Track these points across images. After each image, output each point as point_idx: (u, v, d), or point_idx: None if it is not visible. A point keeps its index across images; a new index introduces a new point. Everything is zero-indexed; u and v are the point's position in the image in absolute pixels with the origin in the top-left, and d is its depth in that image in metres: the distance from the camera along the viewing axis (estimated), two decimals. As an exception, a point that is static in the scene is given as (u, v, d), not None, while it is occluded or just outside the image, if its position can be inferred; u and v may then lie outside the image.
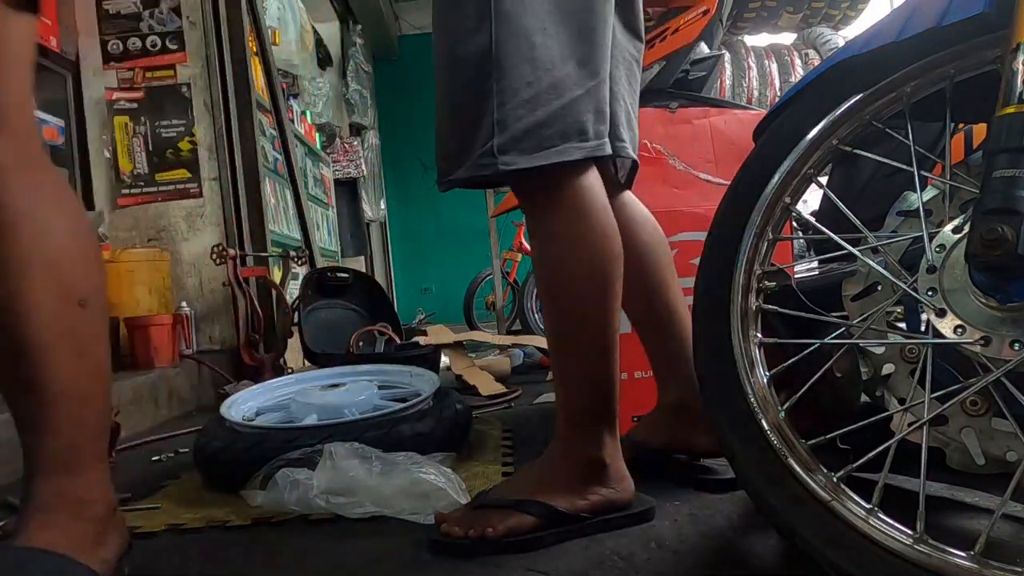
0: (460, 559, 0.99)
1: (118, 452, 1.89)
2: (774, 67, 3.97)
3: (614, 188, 1.26)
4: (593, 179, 1.04)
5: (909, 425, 0.76)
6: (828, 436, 0.82)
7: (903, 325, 0.86)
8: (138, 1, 3.14)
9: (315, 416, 1.52)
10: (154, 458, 1.78)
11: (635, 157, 1.27)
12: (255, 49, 3.56)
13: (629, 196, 1.33)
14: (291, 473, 1.21)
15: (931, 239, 0.77)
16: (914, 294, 0.77)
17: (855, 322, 0.83)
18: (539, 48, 0.98)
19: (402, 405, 1.51)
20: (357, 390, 1.64)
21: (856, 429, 0.80)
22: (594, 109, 1.02)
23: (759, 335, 0.89)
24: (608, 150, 1.05)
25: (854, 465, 0.78)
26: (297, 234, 4.01)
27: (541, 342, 3.11)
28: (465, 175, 1.02)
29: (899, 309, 0.85)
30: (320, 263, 4.05)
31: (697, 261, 0.95)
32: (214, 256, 2.93)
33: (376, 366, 1.95)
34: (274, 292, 3.20)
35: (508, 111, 0.97)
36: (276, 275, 3.44)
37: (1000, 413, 0.73)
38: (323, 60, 5.48)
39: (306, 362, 3.20)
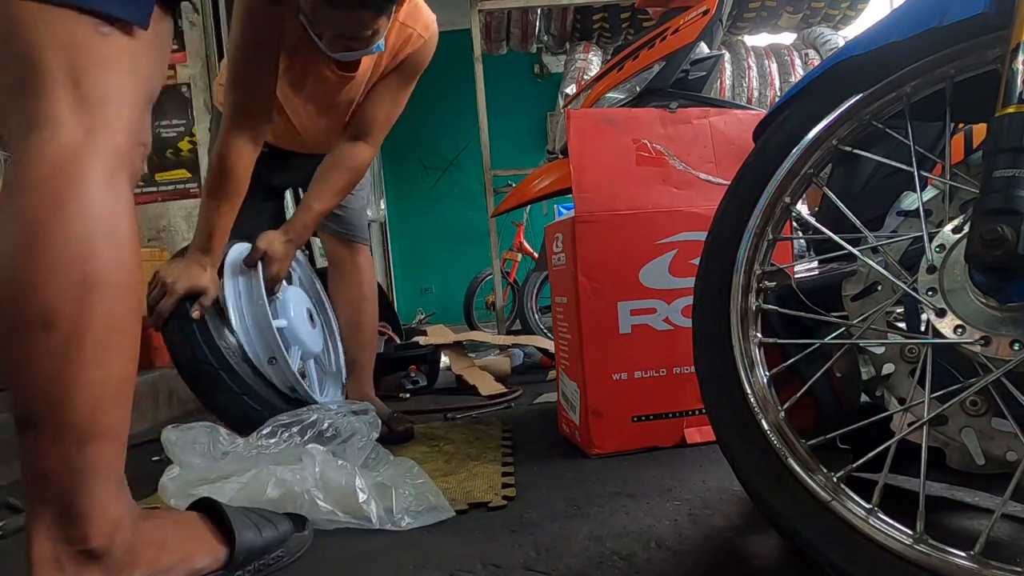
0: (459, 559, 0.99)
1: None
2: (774, 67, 3.98)
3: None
4: None
5: (909, 425, 0.76)
6: (828, 436, 0.82)
7: (903, 325, 0.86)
8: (138, 1, 3.14)
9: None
10: (154, 458, 1.78)
11: None
12: (255, 49, 3.56)
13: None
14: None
15: (931, 239, 0.77)
16: (914, 294, 0.77)
17: (855, 322, 0.83)
18: None
19: None
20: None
21: (856, 429, 0.80)
22: None
23: (759, 335, 0.89)
24: None
25: (854, 465, 0.78)
26: (297, 234, 3.99)
27: (541, 342, 3.10)
28: None
29: (899, 309, 0.85)
30: (320, 263, 4.03)
31: (697, 261, 0.95)
32: (214, 256, 2.92)
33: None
34: (274, 292, 3.19)
35: None
36: (276, 275, 3.43)
37: (1000, 413, 0.73)
38: (323, 60, 5.47)
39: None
